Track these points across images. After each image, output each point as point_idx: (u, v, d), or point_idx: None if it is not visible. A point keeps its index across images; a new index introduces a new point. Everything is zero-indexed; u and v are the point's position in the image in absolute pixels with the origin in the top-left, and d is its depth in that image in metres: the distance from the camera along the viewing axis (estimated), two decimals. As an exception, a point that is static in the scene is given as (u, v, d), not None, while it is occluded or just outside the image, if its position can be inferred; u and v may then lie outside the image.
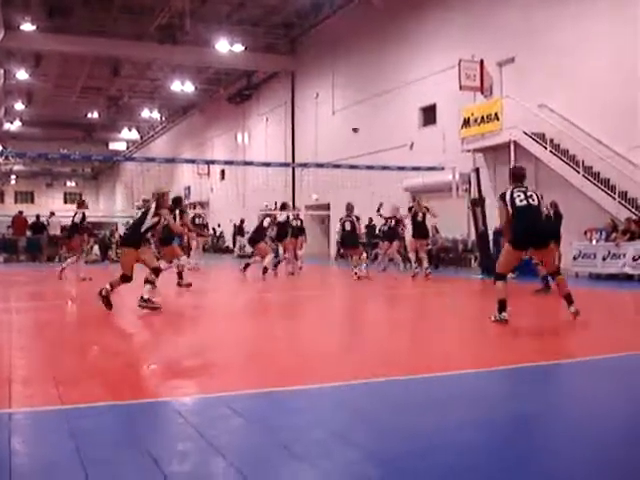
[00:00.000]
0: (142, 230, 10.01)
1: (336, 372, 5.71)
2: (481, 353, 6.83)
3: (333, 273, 19.64)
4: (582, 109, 18.41)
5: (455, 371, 5.75)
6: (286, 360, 6.38)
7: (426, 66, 24.54)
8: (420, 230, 16.63)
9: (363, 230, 20.94)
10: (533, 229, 8.35)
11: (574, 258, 17.03)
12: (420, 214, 16.50)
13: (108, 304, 9.72)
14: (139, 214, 10.53)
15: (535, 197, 8.41)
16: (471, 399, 4.92)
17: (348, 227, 16.96)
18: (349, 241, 17.39)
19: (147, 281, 10.01)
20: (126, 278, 9.90)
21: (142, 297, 9.93)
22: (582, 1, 18.71)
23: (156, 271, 10.13)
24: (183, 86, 38.47)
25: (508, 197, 8.40)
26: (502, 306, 8.26)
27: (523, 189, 8.48)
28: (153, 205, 10.12)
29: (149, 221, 9.99)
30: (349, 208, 17.15)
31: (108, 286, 9.85)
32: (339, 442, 3.82)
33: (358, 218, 17.50)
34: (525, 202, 8.30)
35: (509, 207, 8.35)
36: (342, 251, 20.86)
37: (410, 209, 16.72)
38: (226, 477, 3.33)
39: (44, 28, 28.98)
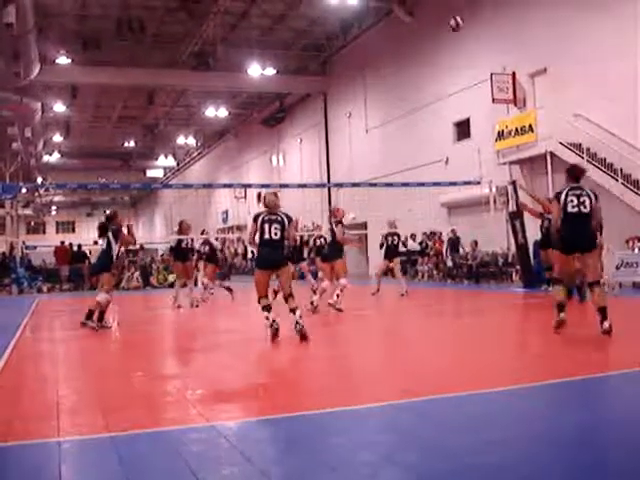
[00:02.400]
0: None
1: (380, 392, 5.68)
2: (527, 368, 6.75)
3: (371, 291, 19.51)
4: (618, 117, 18.20)
5: (501, 387, 5.69)
6: (330, 381, 6.37)
7: (458, 80, 24.49)
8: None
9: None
10: (580, 235, 8.30)
11: (617, 268, 16.78)
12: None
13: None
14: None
15: (588, 203, 8.28)
16: (518, 416, 4.87)
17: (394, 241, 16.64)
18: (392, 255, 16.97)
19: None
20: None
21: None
22: (614, 8, 18.53)
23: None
24: (217, 111, 38.84)
25: (562, 199, 8.31)
26: (560, 308, 8.43)
27: (577, 192, 8.34)
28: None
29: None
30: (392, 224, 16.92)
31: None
32: (386, 463, 3.80)
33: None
34: (577, 209, 8.23)
35: (561, 209, 8.31)
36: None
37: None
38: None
39: (79, 61, 29.53)
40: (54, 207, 72.34)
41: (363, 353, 8.32)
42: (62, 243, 30.94)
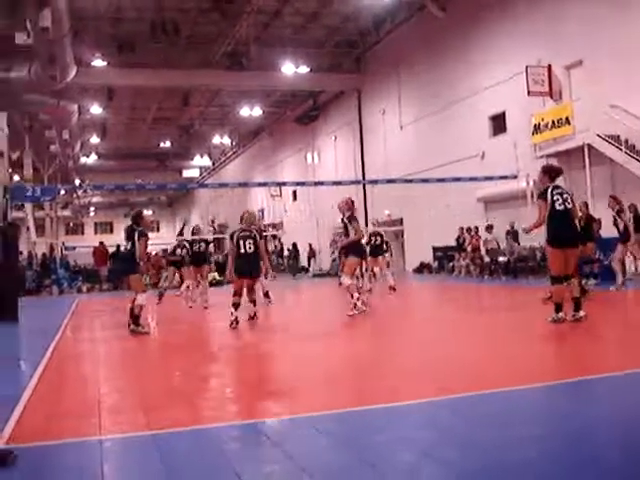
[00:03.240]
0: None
1: (418, 389, 5.67)
2: (563, 365, 6.68)
3: (412, 288, 19.50)
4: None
5: (537, 384, 5.63)
6: (368, 378, 6.36)
7: (493, 74, 24.27)
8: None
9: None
10: (567, 232, 8.99)
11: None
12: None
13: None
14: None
15: (570, 200, 9.03)
16: (554, 412, 4.83)
17: None
18: None
19: None
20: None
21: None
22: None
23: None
24: (251, 110, 38.93)
25: (549, 198, 8.95)
26: (558, 307, 8.90)
27: (560, 191, 9.05)
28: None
29: None
30: None
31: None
32: (425, 460, 3.79)
33: None
34: (563, 207, 8.89)
35: (548, 207, 8.91)
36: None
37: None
38: (315, 498, 3.34)
39: (114, 63, 29.81)
40: (92, 208, 73.15)
41: (399, 350, 8.30)
42: (101, 244, 31.32)
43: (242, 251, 11.13)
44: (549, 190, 9.03)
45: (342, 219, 13.16)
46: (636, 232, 17.47)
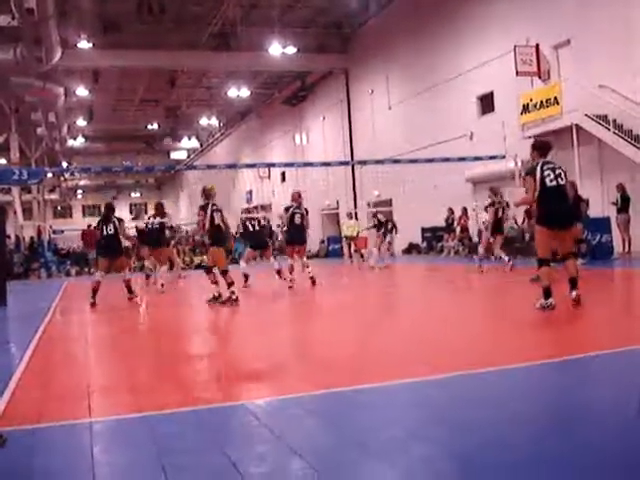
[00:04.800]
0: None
1: (408, 368, 5.69)
2: (554, 343, 6.71)
3: (399, 269, 19.56)
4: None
5: (526, 363, 5.65)
6: (355, 359, 6.38)
7: (481, 54, 24.25)
8: (499, 226, 15.94)
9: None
10: (560, 209, 8.30)
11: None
12: (500, 209, 15.86)
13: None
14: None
15: (563, 175, 8.34)
16: (545, 391, 4.86)
17: None
18: None
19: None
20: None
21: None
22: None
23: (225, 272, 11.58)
24: (239, 92, 38.70)
25: (538, 175, 8.26)
26: (547, 293, 8.20)
27: (551, 166, 8.36)
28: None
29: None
30: None
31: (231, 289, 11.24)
32: (415, 439, 3.80)
33: None
34: (555, 182, 8.21)
35: (537, 185, 8.23)
36: None
37: (492, 204, 15.97)
38: (304, 478, 3.35)
39: (100, 45, 29.56)
40: (80, 191, 72.87)
41: (388, 329, 8.32)
42: (89, 227, 31.18)
43: (217, 222, 11.59)
44: (538, 166, 8.33)
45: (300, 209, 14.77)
46: (624, 212, 17.62)
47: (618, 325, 7.44)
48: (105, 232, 13.04)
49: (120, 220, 13.30)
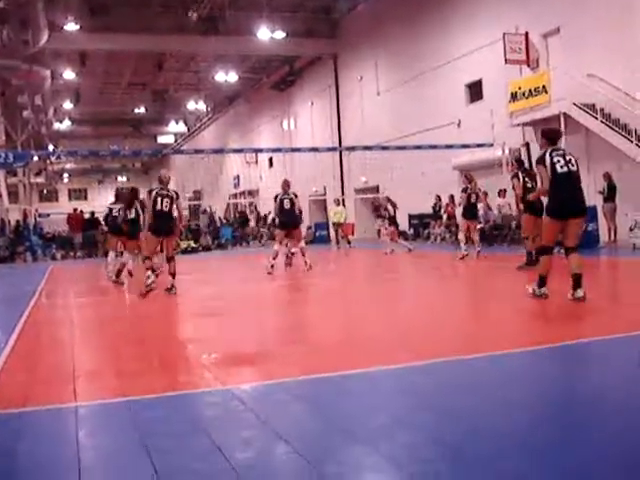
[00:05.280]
0: None
1: (394, 354, 5.70)
2: (540, 330, 6.74)
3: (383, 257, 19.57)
4: (633, 77, 17.95)
5: (514, 349, 5.68)
6: (342, 345, 6.39)
7: (470, 41, 24.21)
8: (472, 211, 16.23)
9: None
10: (574, 197, 7.92)
11: (630, 229, 16.72)
12: (474, 195, 16.12)
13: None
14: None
15: (574, 162, 7.95)
16: (532, 378, 4.88)
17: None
18: None
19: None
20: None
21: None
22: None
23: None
24: (227, 76, 38.50)
25: (548, 162, 7.88)
26: (542, 281, 8.09)
27: (561, 152, 8.00)
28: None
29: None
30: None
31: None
32: (401, 425, 3.81)
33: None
34: (566, 168, 7.82)
35: (548, 173, 7.86)
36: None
37: (465, 190, 16.29)
38: (290, 463, 3.35)
39: (87, 27, 29.28)
40: (66, 175, 72.38)
41: (375, 316, 8.33)
42: (75, 210, 31.05)
43: (158, 208, 11.18)
44: (547, 153, 7.96)
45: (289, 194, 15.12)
46: (610, 201, 17.69)
47: (608, 313, 7.48)
48: (129, 216, 13.17)
49: (143, 205, 13.12)
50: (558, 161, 7.84)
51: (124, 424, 4.11)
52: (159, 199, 11.16)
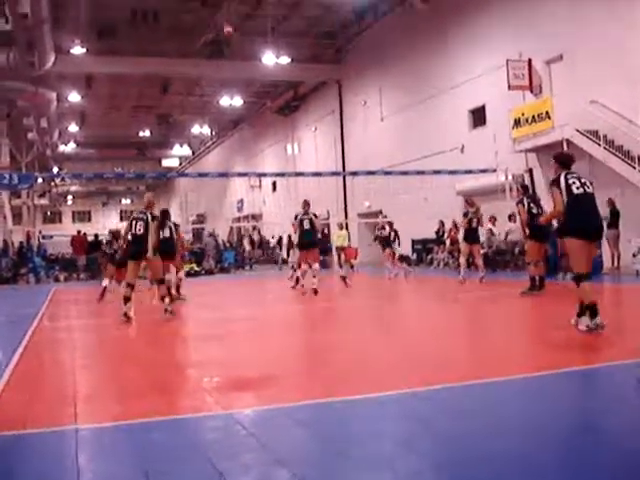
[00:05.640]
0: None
1: (396, 380, 5.68)
2: (537, 356, 6.71)
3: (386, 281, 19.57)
4: (636, 103, 18.01)
5: (514, 376, 5.66)
6: (345, 369, 6.37)
7: (473, 67, 24.33)
8: (473, 235, 16.20)
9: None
10: (595, 218, 7.70)
11: (634, 255, 16.70)
12: (475, 220, 16.12)
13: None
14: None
15: (589, 183, 7.73)
16: (532, 403, 4.85)
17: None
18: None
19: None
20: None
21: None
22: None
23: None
24: (232, 100, 38.74)
25: (563, 184, 7.60)
26: (594, 310, 7.34)
27: (576, 175, 7.73)
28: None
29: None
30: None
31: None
32: (402, 451, 3.80)
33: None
34: (582, 190, 7.55)
35: (564, 195, 7.55)
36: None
37: (465, 214, 16.33)
38: (290, 488, 3.33)
39: (93, 50, 29.51)
40: (70, 197, 72.65)
41: (377, 341, 8.31)
42: (78, 232, 31.11)
43: (133, 232, 11.07)
44: (562, 175, 7.69)
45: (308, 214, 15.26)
46: (613, 227, 17.67)
47: (613, 339, 7.44)
48: (162, 236, 13.29)
49: (176, 225, 13.80)
50: (574, 182, 7.62)
51: (125, 447, 4.09)
52: (134, 222, 11.12)
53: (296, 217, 15.31)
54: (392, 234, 20.49)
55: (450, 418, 4.49)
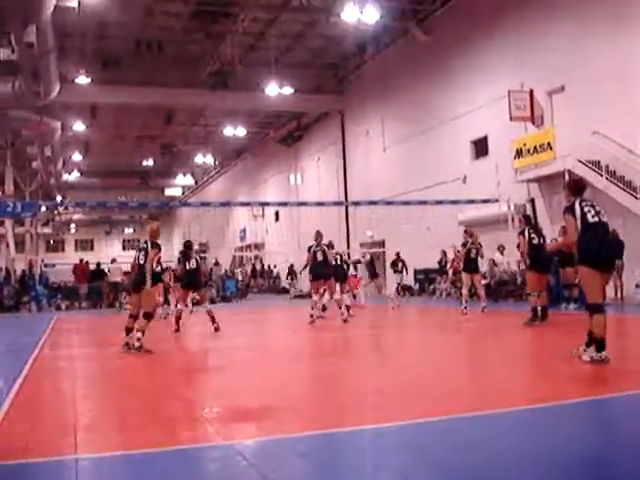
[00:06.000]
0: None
1: (397, 411, 5.65)
2: (539, 388, 6.68)
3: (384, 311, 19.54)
4: (637, 134, 18.07)
5: (515, 407, 5.63)
6: (346, 400, 6.34)
7: (475, 98, 24.47)
8: (472, 265, 16.14)
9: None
10: (609, 247, 7.65)
11: (637, 286, 16.69)
12: (474, 250, 16.10)
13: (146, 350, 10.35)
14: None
15: (603, 212, 7.68)
16: (532, 435, 4.82)
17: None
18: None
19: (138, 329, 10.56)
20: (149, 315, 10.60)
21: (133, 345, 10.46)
22: (631, 27, 18.47)
23: (149, 316, 10.66)
24: (235, 130, 38.97)
25: (578, 212, 7.53)
26: (601, 345, 7.31)
27: (590, 203, 7.70)
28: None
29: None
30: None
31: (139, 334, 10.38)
32: (403, 482, 3.77)
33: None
34: (597, 218, 7.51)
35: (578, 223, 7.49)
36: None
37: (464, 244, 16.36)
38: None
39: (98, 80, 29.75)
40: (73, 225, 72.84)
41: (378, 372, 8.28)
42: (81, 261, 31.10)
43: (135, 262, 10.93)
44: (576, 203, 7.60)
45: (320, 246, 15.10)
46: (617, 258, 17.63)
47: (617, 370, 7.40)
48: (188, 267, 14.12)
49: (202, 257, 13.67)
50: (589, 211, 7.54)
51: (125, 478, 4.07)
52: (136, 253, 11.02)
53: (309, 249, 15.19)
54: (400, 264, 20.49)
55: (451, 450, 4.46)
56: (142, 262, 10.75)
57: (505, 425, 5.12)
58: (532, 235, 12.75)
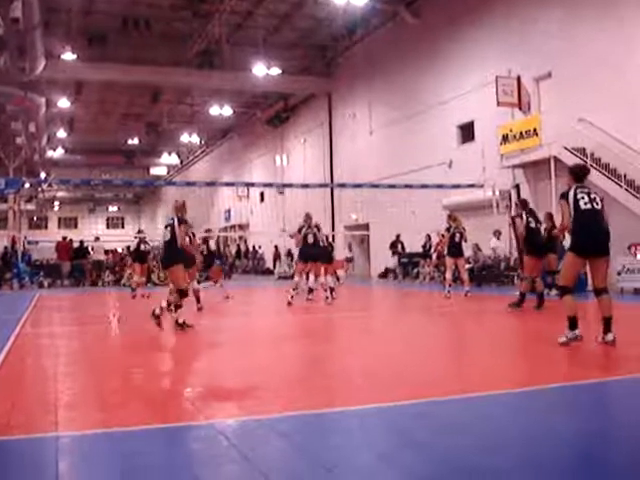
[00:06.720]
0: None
1: (380, 393, 5.67)
2: (526, 372, 6.73)
3: (373, 294, 19.59)
4: (623, 122, 18.13)
5: (499, 390, 5.67)
6: (329, 382, 6.36)
7: (463, 83, 24.45)
8: (456, 249, 16.20)
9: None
10: (597, 235, 7.78)
11: (618, 273, 16.78)
12: (458, 234, 16.15)
13: (159, 324, 10.24)
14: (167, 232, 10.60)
15: (599, 200, 7.87)
16: (515, 418, 4.86)
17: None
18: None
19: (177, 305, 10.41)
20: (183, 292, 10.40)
21: (176, 321, 10.15)
22: (619, 13, 18.49)
23: (183, 293, 10.44)
24: (221, 110, 38.76)
25: (571, 198, 7.78)
26: (573, 323, 7.69)
27: (586, 190, 7.91)
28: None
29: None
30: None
31: (164, 304, 10.31)
32: (384, 464, 3.78)
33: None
34: (590, 205, 7.72)
35: (571, 209, 7.75)
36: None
37: (448, 229, 16.41)
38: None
39: (84, 57, 29.45)
40: (57, 202, 72.35)
41: (361, 354, 8.30)
42: (64, 239, 30.91)
43: (162, 239, 10.84)
44: (572, 189, 7.86)
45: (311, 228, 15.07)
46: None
47: (599, 355, 7.47)
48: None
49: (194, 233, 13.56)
50: (582, 197, 7.76)
51: (105, 456, 4.06)
52: (164, 230, 10.75)
53: (300, 230, 15.09)
54: (399, 245, 20.44)
55: (434, 432, 4.48)
56: (167, 239, 10.48)
57: (489, 408, 5.15)
58: (529, 219, 12.76)
